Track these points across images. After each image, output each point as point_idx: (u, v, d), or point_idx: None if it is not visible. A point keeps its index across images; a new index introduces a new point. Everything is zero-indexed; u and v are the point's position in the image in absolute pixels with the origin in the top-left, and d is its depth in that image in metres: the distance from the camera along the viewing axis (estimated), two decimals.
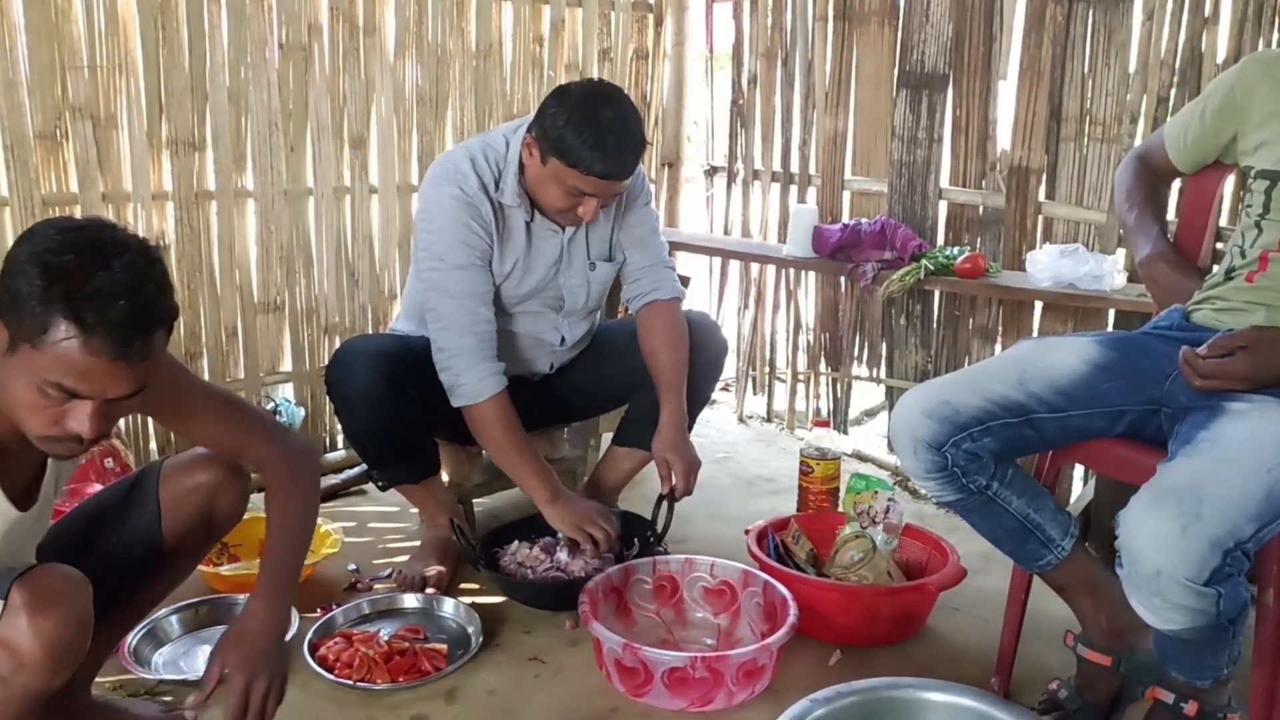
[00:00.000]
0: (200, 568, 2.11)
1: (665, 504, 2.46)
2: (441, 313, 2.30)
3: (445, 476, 2.61)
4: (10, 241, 2.49)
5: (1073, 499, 2.81)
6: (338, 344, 3.14)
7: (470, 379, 2.28)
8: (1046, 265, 2.75)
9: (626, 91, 2.26)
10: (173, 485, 1.76)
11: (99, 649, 1.69)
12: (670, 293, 2.52)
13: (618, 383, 2.59)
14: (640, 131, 2.21)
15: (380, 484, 2.53)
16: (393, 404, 2.29)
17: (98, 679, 1.86)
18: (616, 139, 2.14)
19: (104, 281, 1.28)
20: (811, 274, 3.56)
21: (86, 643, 1.43)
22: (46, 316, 1.27)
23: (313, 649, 2.09)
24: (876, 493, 2.44)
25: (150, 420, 2.82)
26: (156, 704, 1.88)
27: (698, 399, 2.57)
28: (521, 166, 2.29)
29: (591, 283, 2.50)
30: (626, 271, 2.54)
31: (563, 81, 2.78)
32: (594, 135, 2.11)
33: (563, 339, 2.54)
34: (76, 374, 1.30)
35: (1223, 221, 2.46)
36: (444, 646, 2.14)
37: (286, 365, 3.13)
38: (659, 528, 2.46)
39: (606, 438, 2.80)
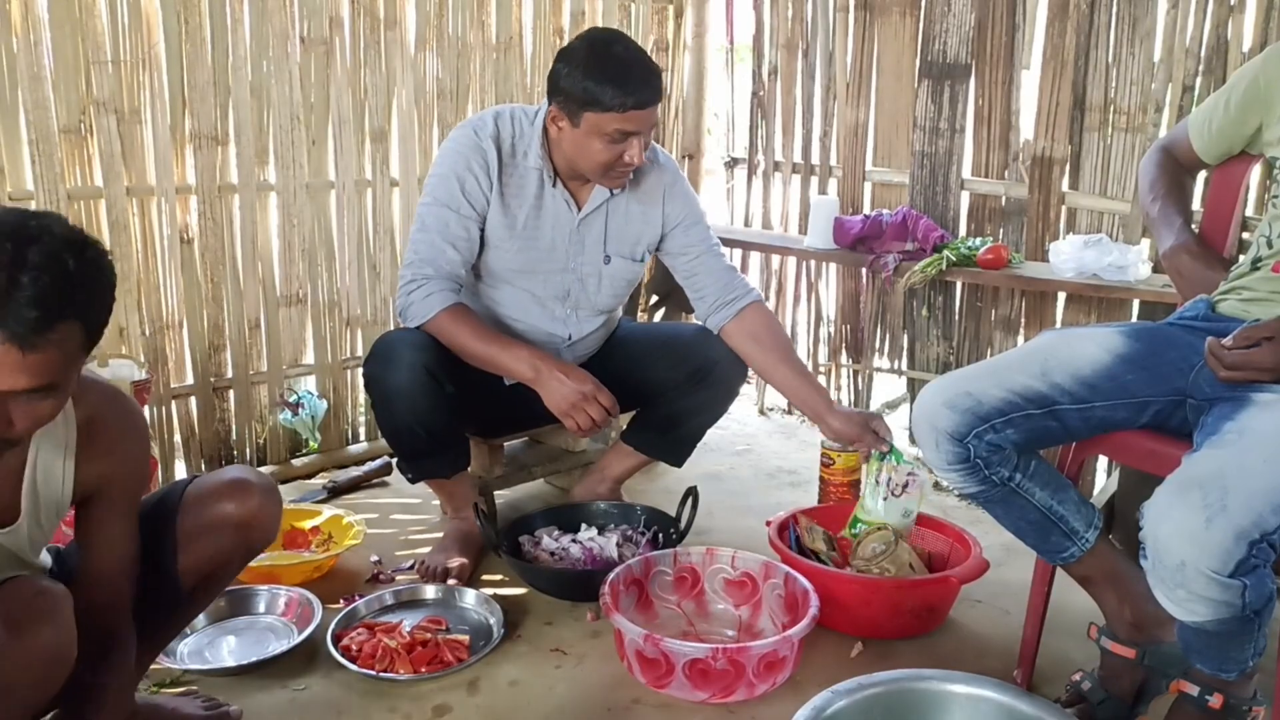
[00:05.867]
0: None
1: (690, 502, 2.47)
2: (414, 242, 2.34)
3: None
4: None
5: (1096, 490, 2.80)
6: (360, 337, 3.18)
7: (418, 297, 2.29)
8: (1070, 256, 2.74)
9: None
10: (196, 517, 1.66)
11: (138, 665, 1.67)
12: (758, 295, 2.54)
13: (633, 389, 2.56)
14: (649, 56, 2.27)
15: (410, 476, 2.54)
16: (431, 398, 2.29)
17: None
18: (639, 68, 2.19)
19: (5, 261, 1.20)
20: (833, 265, 3.55)
21: (72, 654, 1.40)
22: None
23: (336, 639, 2.10)
24: (898, 465, 2.40)
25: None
26: (199, 700, 1.89)
27: (705, 423, 2.62)
28: (546, 137, 2.32)
29: (604, 276, 2.49)
30: (703, 286, 2.51)
31: None
32: (616, 72, 2.15)
33: (570, 336, 2.53)
34: None
35: (1249, 211, 2.44)
36: (466, 637, 2.15)
37: (309, 358, 3.14)
38: (682, 525, 2.47)
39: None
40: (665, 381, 2.52)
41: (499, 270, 2.43)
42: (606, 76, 2.14)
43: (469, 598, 2.32)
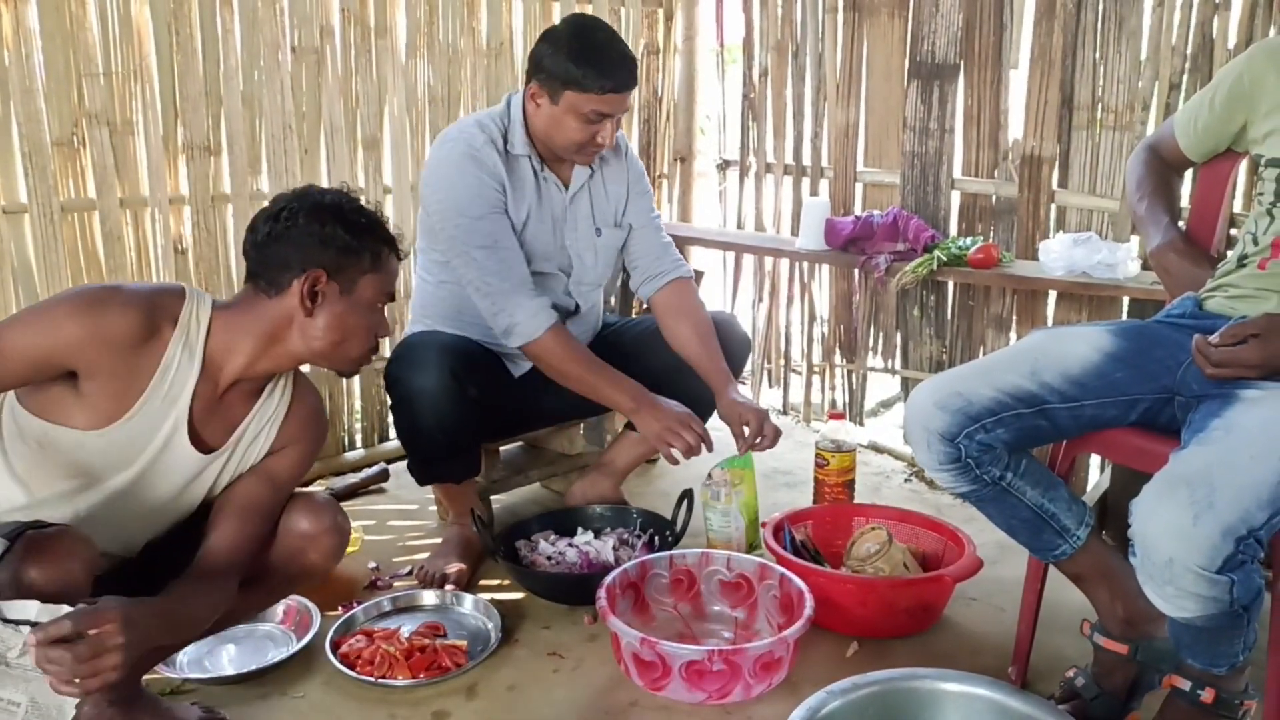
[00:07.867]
0: None
1: (685, 503, 2.49)
2: (479, 263, 2.33)
3: None
4: (31, 248, 2.54)
5: (1090, 487, 2.81)
6: None
7: (524, 315, 2.33)
8: (1060, 254, 2.75)
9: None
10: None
11: (156, 653, 1.72)
12: (687, 272, 2.62)
13: (645, 375, 2.56)
14: (626, 45, 2.37)
15: (420, 479, 2.54)
16: (455, 402, 2.31)
17: None
18: (617, 54, 2.30)
19: (375, 218, 1.79)
20: (825, 266, 3.56)
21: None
22: (377, 246, 1.75)
23: (334, 646, 2.11)
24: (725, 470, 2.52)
25: None
26: (199, 708, 1.89)
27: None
28: (525, 121, 2.39)
29: (598, 249, 2.56)
30: (637, 256, 2.61)
31: None
32: (596, 56, 2.26)
33: (577, 306, 2.58)
34: (391, 283, 1.79)
35: (1237, 208, 2.45)
36: (464, 643, 2.15)
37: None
38: (678, 528, 2.48)
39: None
40: (677, 362, 2.53)
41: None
42: (588, 59, 2.24)
43: (467, 603, 2.33)
